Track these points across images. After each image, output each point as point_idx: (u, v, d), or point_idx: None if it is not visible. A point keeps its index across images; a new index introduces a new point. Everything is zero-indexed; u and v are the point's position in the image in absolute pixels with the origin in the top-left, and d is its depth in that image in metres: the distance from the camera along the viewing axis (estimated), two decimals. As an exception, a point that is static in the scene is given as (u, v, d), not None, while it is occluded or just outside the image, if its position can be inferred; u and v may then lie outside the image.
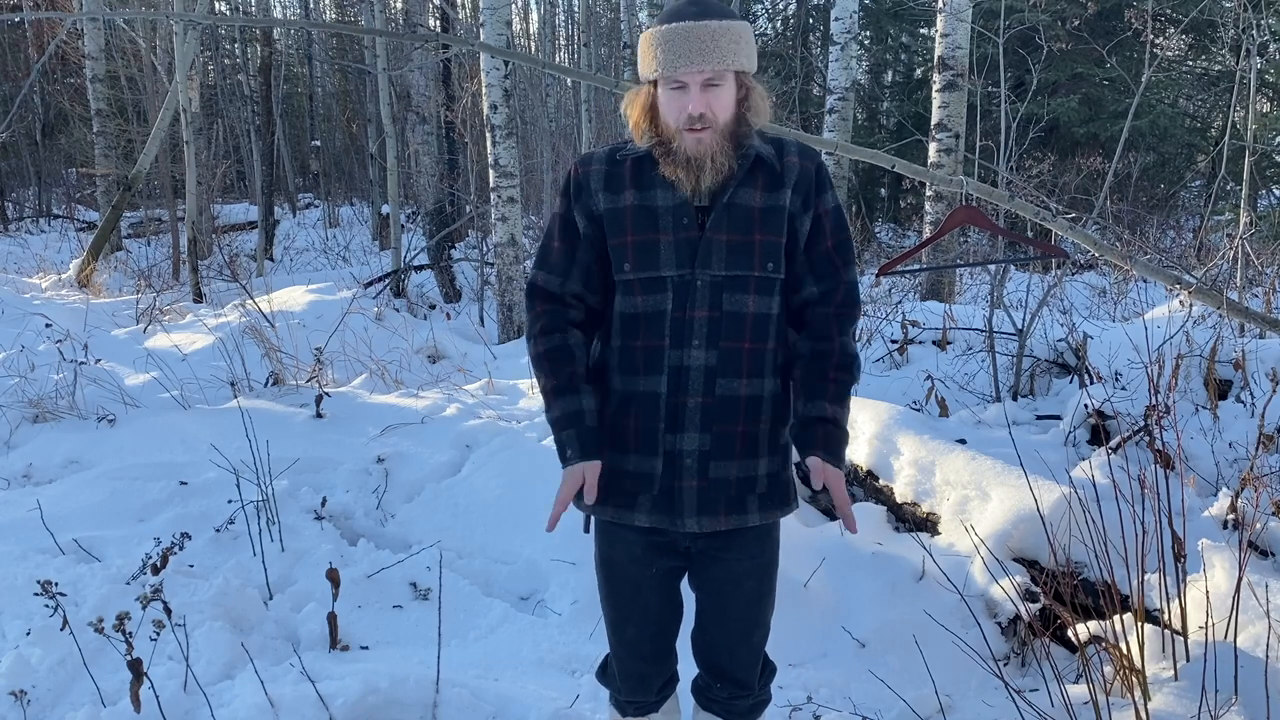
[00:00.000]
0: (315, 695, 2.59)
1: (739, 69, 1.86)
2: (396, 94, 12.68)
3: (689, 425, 1.91)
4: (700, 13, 1.82)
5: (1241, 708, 2.25)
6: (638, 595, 2.08)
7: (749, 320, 1.91)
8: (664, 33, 1.83)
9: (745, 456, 1.94)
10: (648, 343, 1.91)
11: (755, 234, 1.90)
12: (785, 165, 1.94)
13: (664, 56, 1.82)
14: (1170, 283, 4.17)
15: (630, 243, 1.91)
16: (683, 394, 1.90)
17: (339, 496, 3.92)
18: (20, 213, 17.47)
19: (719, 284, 1.89)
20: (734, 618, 2.06)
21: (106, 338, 6.54)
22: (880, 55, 15.36)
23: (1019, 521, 3.27)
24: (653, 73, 1.85)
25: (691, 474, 1.92)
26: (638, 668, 2.15)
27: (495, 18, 7.89)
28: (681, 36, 1.81)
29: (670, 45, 1.82)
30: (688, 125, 1.84)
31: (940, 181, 5.69)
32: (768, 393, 1.95)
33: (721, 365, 1.90)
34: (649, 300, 1.91)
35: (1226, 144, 8.61)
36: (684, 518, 1.93)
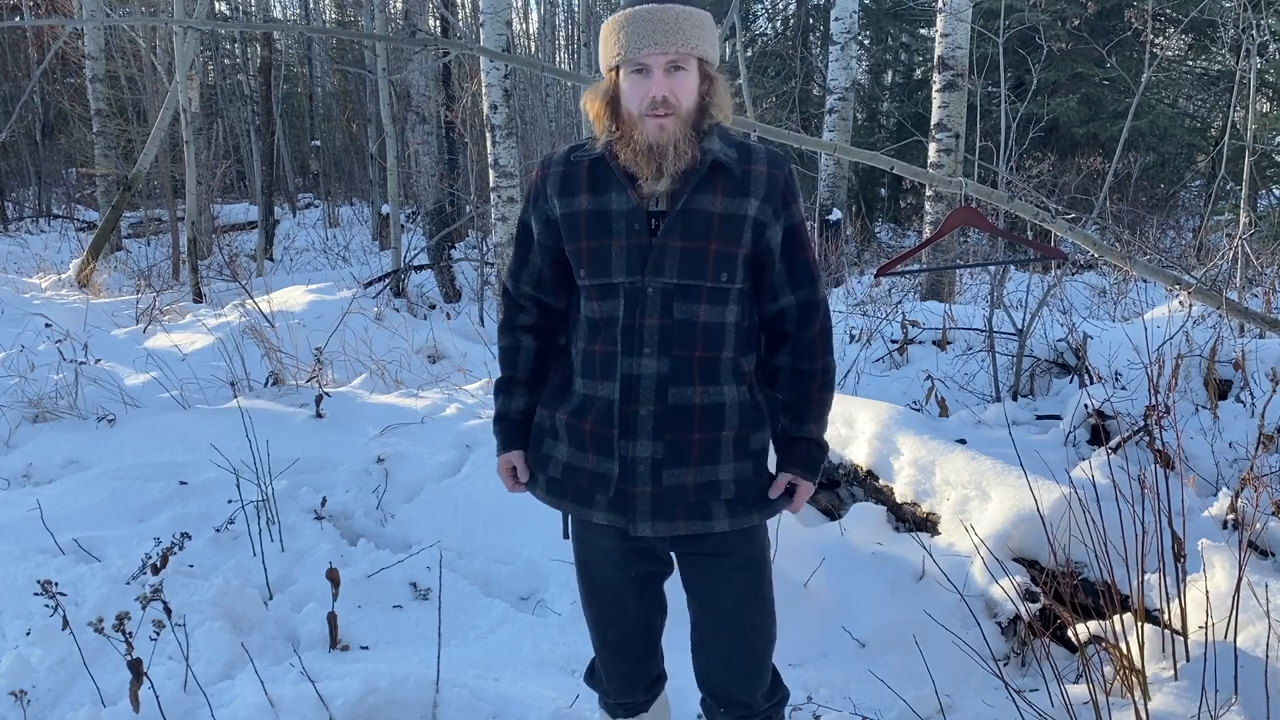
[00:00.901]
0: (315, 695, 2.59)
1: (702, 56, 1.81)
2: (396, 94, 12.68)
3: (641, 433, 1.88)
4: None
5: (1241, 708, 2.25)
6: (617, 599, 2.07)
7: (700, 329, 1.87)
8: (626, 16, 1.78)
9: (703, 463, 1.90)
10: (604, 349, 1.89)
11: (711, 242, 1.84)
12: (751, 173, 1.88)
13: (626, 39, 1.78)
14: (1170, 283, 4.18)
15: (585, 249, 1.88)
16: (634, 402, 1.87)
17: (339, 496, 3.93)
18: (20, 213, 17.48)
19: (670, 292, 1.84)
20: (725, 622, 2.01)
21: (106, 338, 6.54)
22: (880, 55, 15.36)
23: (1019, 521, 3.27)
24: (614, 58, 1.80)
25: (645, 480, 1.89)
26: (623, 669, 2.15)
27: (495, 19, 7.88)
28: (644, 19, 1.77)
29: (633, 27, 1.77)
30: (650, 110, 1.78)
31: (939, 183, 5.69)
32: (729, 400, 1.91)
33: (673, 374, 1.87)
34: (604, 306, 1.89)
35: (1226, 144, 8.61)
36: (637, 522, 1.91)
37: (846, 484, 4.16)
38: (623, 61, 1.79)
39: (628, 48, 1.78)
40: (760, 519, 1.99)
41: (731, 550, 1.99)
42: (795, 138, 4.26)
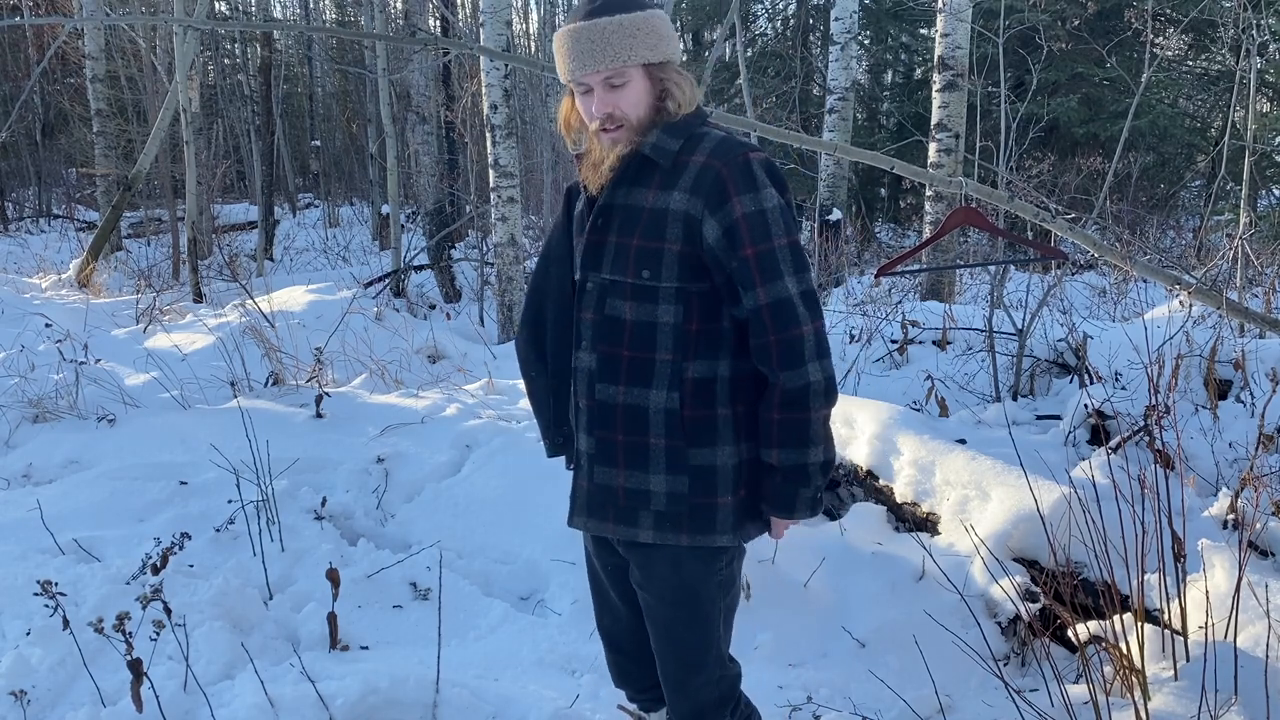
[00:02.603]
0: (315, 695, 2.59)
1: (643, 62, 1.76)
2: (396, 94, 12.68)
3: (580, 426, 1.94)
4: (592, 10, 1.74)
5: (1241, 708, 2.25)
6: (601, 588, 2.14)
7: (626, 326, 1.82)
8: (563, 36, 1.77)
9: (631, 468, 1.85)
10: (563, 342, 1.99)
11: (635, 238, 1.80)
12: (687, 164, 1.78)
13: (567, 61, 1.78)
14: (1170, 283, 4.18)
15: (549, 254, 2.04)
16: (577, 395, 1.93)
17: (339, 496, 3.92)
18: (20, 213, 17.48)
19: (604, 288, 1.85)
20: (654, 634, 2.00)
21: (106, 338, 6.54)
22: (880, 55, 15.35)
23: (1019, 521, 3.27)
24: (564, 78, 1.82)
25: (584, 474, 1.94)
26: (615, 658, 2.19)
27: (495, 18, 7.89)
28: (575, 38, 1.75)
29: (568, 48, 1.77)
30: (599, 127, 1.80)
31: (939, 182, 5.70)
32: (657, 406, 1.82)
33: (600, 370, 1.85)
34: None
35: (1226, 144, 8.61)
36: (573, 515, 1.98)
37: (846, 484, 4.16)
38: (569, 83, 1.82)
39: (570, 70, 1.79)
40: (690, 540, 1.86)
41: (655, 573, 1.92)
42: (795, 137, 4.26)
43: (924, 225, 8.44)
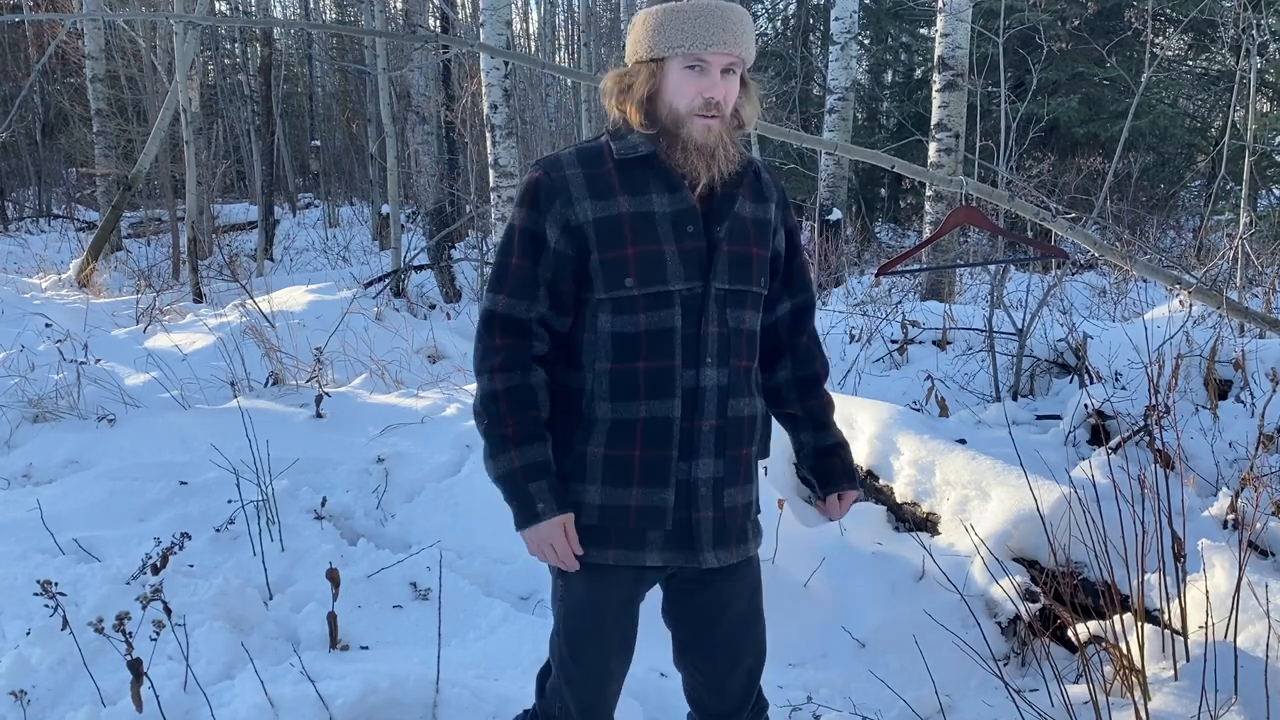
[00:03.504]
0: (315, 695, 2.59)
1: (749, 60, 1.77)
2: (396, 94, 12.68)
3: (703, 451, 1.77)
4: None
5: (1241, 708, 2.25)
6: (625, 638, 1.91)
7: (746, 337, 1.80)
8: (686, 9, 1.67)
9: (746, 481, 1.87)
10: (654, 364, 1.73)
11: (752, 247, 1.80)
12: (765, 179, 1.89)
13: (688, 32, 1.66)
14: (1170, 283, 4.18)
15: (632, 255, 1.71)
16: (698, 417, 1.75)
17: (339, 496, 3.92)
18: (20, 213, 17.48)
19: (725, 298, 1.76)
20: (729, 643, 1.90)
21: (106, 338, 6.55)
22: (880, 55, 15.35)
23: (1019, 521, 3.27)
24: (668, 50, 1.67)
25: (708, 504, 1.78)
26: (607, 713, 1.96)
27: (495, 18, 7.88)
28: (710, 13, 1.67)
29: (698, 21, 1.66)
30: (701, 110, 1.69)
31: (940, 182, 5.70)
32: (760, 412, 1.88)
33: (731, 384, 1.77)
34: (653, 317, 1.72)
35: (1226, 144, 8.61)
36: (703, 553, 1.79)
37: (846, 484, 4.16)
38: (680, 54, 1.67)
39: (691, 41, 1.66)
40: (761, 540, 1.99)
41: (747, 584, 1.91)
42: (796, 136, 4.26)
43: (924, 225, 8.43)
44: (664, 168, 1.74)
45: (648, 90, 1.71)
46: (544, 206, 1.73)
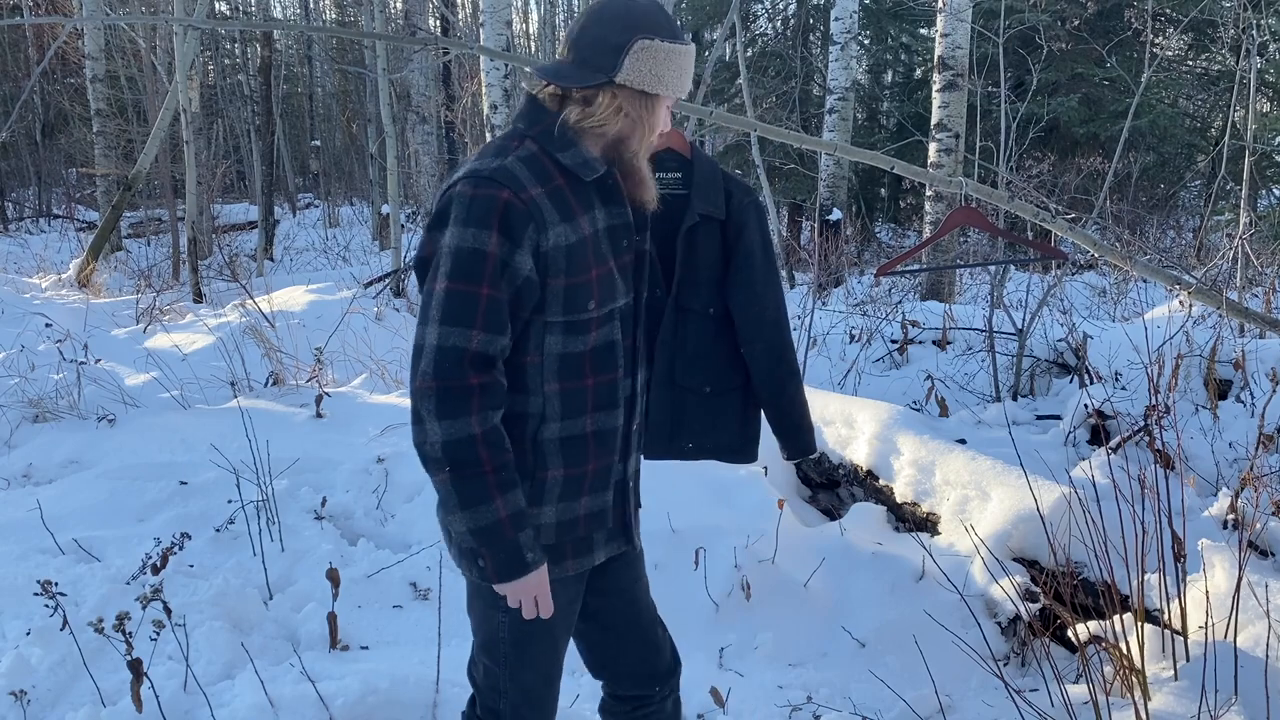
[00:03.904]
0: (315, 695, 2.59)
1: None
2: (396, 94, 12.69)
3: (634, 449, 1.88)
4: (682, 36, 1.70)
5: (1241, 708, 2.25)
6: (569, 628, 1.89)
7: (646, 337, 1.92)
8: (680, 52, 1.67)
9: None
10: (602, 378, 1.74)
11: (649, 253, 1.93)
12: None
13: (685, 76, 1.69)
14: (1170, 283, 4.18)
15: (595, 278, 1.68)
16: (631, 420, 1.84)
17: (339, 496, 3.92)
18: (20, 213, 17.47)
19: (645, 304, 1.87)
20: (647, 608, 2.01)
21: (106, 338, 6.55)
22: (880, 55, 15.34)
23: (1019, 521, 3.27)
24: (667, 90, 1.68)
25: (635, 494, 1.92)
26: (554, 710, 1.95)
27: (495, 18, 7.89)
28: (688, 59, 1.69)
29: (685, 67, 1.69)
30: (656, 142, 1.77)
31: (939, 182, 5.70)
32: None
33: (644, 384, 1.91)
34: (601, 334, 1.72)
35: (1226, 144, 8.61)
36: (635, 537, 1.92)
37: (846, 484, 4.16)
38: (671, 96, 1.70)
39: (683, 85, 1.70)
40: None
41: (643, 568, 2.04)
42: (795, 137, 4.26)
43: (924, 225, 8.43)
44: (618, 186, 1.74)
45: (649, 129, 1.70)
46: (518, 234, 1.59)
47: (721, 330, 2.47)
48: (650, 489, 3.60)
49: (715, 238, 2.44)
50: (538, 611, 1.70)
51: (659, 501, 3.54)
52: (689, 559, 3.28)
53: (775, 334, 2.47)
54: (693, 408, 2.51)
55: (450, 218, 1.59)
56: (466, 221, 1.57)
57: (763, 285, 2.44)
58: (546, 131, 1.67)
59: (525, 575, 1.65)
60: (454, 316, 1.56)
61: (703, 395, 2.50)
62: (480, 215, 1.57)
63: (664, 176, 2.44)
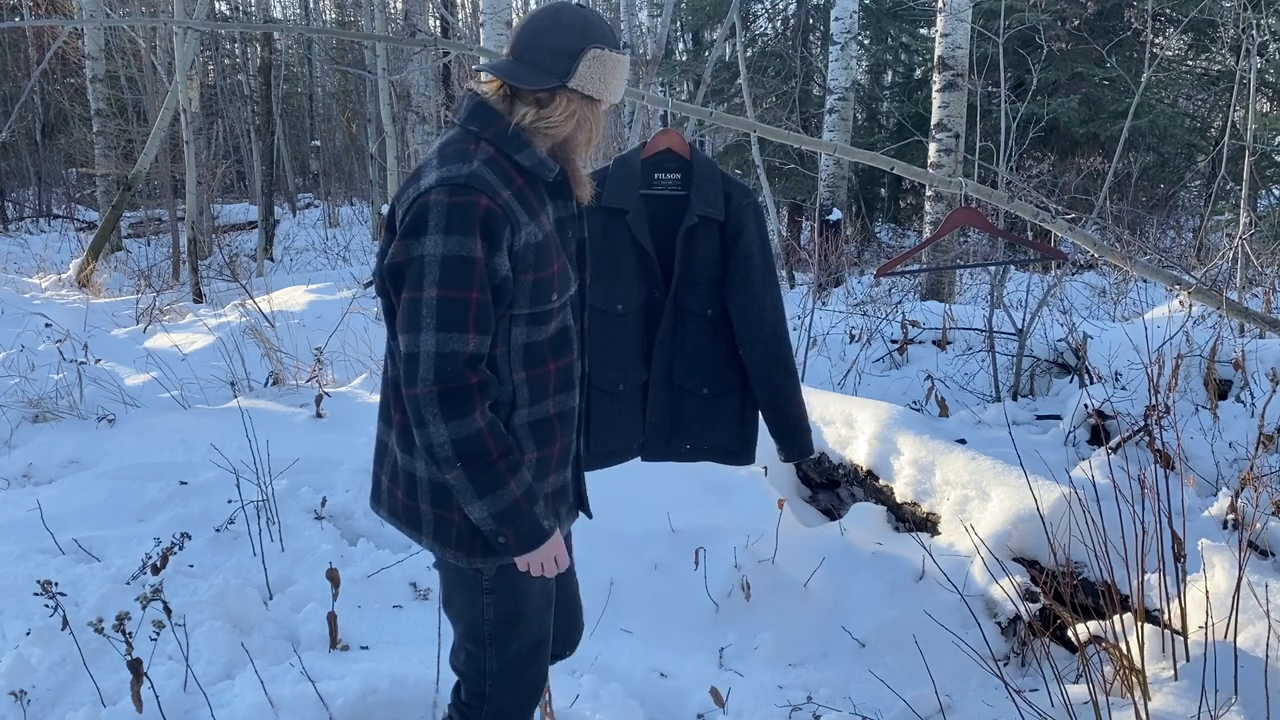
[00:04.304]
0: (315, 695, 2.59)
1: None
2: (396, 94, 12.68)
3: (581, 424, 1.99)
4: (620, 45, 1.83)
5: (1241, 708, 2.25)
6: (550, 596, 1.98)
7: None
8: (623, 62, 1.79)
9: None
10: (561, 362, 1.84)
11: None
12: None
13: (620, 85, 1.80)
14: (1170, 283, 4.18)
15: (556, 271, 1.78)
16: (582, 399, 1.97)
17: (339, 496, 3.92)
18: (20, 213, 17.47)
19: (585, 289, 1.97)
20: (573, 576, 2.21)
21: (106, 338, 6.55)
22: (880, 55, 15.34)
23: (1019, 521, 3.27)
24: (610, 95, 1.79)
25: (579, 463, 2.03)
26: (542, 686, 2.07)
27: (495, 18, 7.88)
28: (627, 69, 1.82)
29: (624, 76, 1.81)
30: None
31: (939, 183, 5.70)
32: None
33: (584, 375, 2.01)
34: (560, 321, 1.83)
35: (1226, 144, 8.61)
36: (588, 504, 2.07)
37: (846, 484, 4.16)
38: (612, 101, 1.80)
39: (620, 92, 1.81)
40: None
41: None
42: (795, 138, 4.25)
43: (924, 225, 8.43)
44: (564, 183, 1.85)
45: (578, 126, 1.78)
46: (498, 238, 1.66)
47: (720, 332, 2.47)
48: (650, 489, 3.62)
49: (714, 239, 2.44)
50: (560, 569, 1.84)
51: (659, 501, 3.54)
52: (689, 559, 3.28)
53: (773, 336, 2.47)
54: (691, 409, 2.52)
55: (429, 225, 1.62)
56: (449, 229, 1.61)
57: (761, 287, 2.44)
58: (501, 133, 1.73)
59: (545, 542, 1.77)
60: (449, 322, 1.62)
61: (701, 397, 2.51)
62: (462, 223, 1.62)
63: (663, 178, 2.45)
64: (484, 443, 1.66)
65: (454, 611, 1.95)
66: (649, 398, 2.49)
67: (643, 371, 2.45)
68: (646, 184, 2.44)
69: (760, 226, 2.45)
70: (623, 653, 3.03)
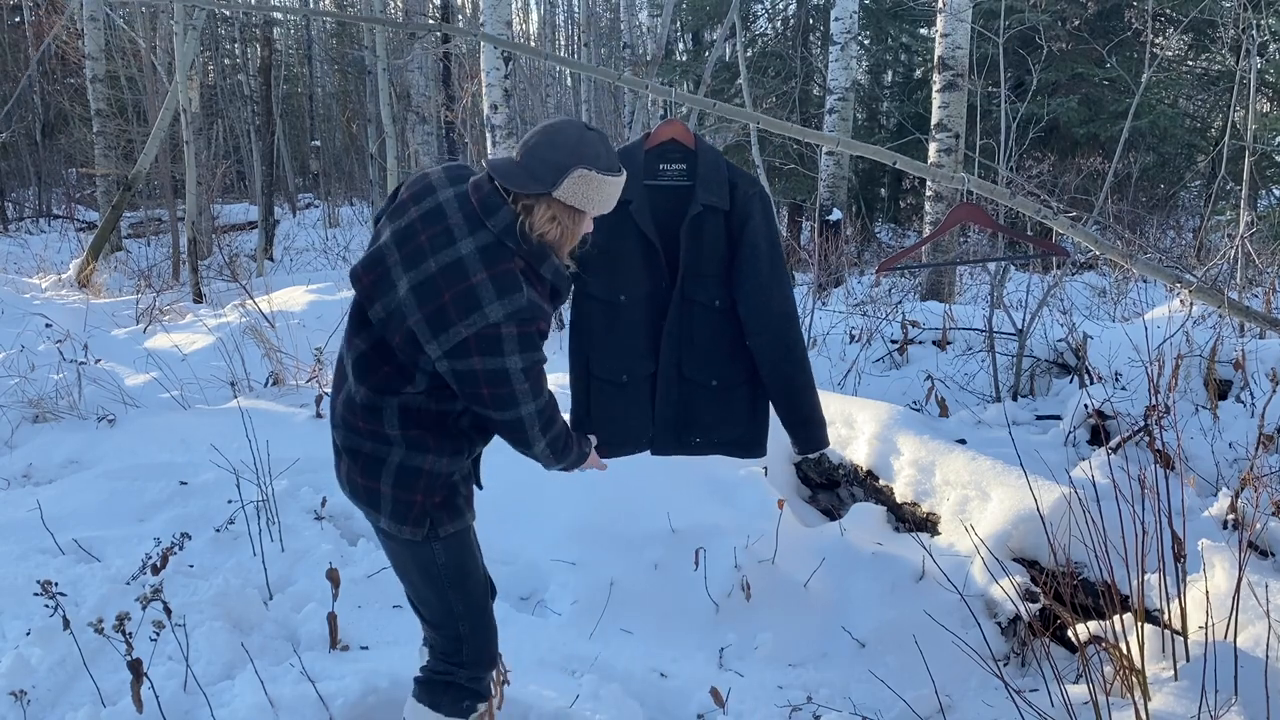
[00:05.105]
0: (315, 695, 2.59)
1: None
2: (396, 94, 12.68)
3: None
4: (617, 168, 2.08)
5: (1241, 708, 2.25)
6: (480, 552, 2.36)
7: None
8: (610, 183, 2.03)
9: None
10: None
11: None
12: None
13: (606, 200, 2.06)
14: (1171, 281, 4.17)
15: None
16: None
17: (339, 496, 3.90)
18: (20, 213, 17.47)
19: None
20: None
21: (106, 338, 6.55)
22: (880, 55, 15.33)
23: (1019, 521, 3.27)
24: (596, 209, 2.06)
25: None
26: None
27: (495, 17, 7.88)
28: (617, 188, 2.07)
29: (612, 194, 2.06)
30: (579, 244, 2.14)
31: (941, 178, 5.70)
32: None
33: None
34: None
35: (1226, 144, 8.60)
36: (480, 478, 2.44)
37: (846, 484, 4.16)
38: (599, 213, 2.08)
39: (607, 206, 2.08)
40: None
41: None
42: (800, 131, 4.25)
43: (924, 225, 8.42)
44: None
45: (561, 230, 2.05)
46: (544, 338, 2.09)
47: (728, 323, 2.45)
48: (650, 488, 3.62)
49: (720, 229, 2.41)
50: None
51: (659, 501, 3.54)
52: (689, 559, 3.28)
53: (782, 326, 2.44)
54: (700, 402, 2.50)
55: (506, 350, 2.01)
56: (522, 350, 2.01)
57: (768, 277, 2.41)
58: (532, 251, 2.04)
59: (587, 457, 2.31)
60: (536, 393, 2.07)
61: (710, 389, 2.49)
62: (527, 344, 2.02)
63: (668, 168, 2.43)
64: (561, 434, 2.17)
65: (412, 578, 2.30)
66: (657, 391, 2.48)
67: (649, 363, 2.45)
68: (651, 175, 2.42)
69: (767, 216, 2.42)
70: (623, 653, 3.03)
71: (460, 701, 2.29)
